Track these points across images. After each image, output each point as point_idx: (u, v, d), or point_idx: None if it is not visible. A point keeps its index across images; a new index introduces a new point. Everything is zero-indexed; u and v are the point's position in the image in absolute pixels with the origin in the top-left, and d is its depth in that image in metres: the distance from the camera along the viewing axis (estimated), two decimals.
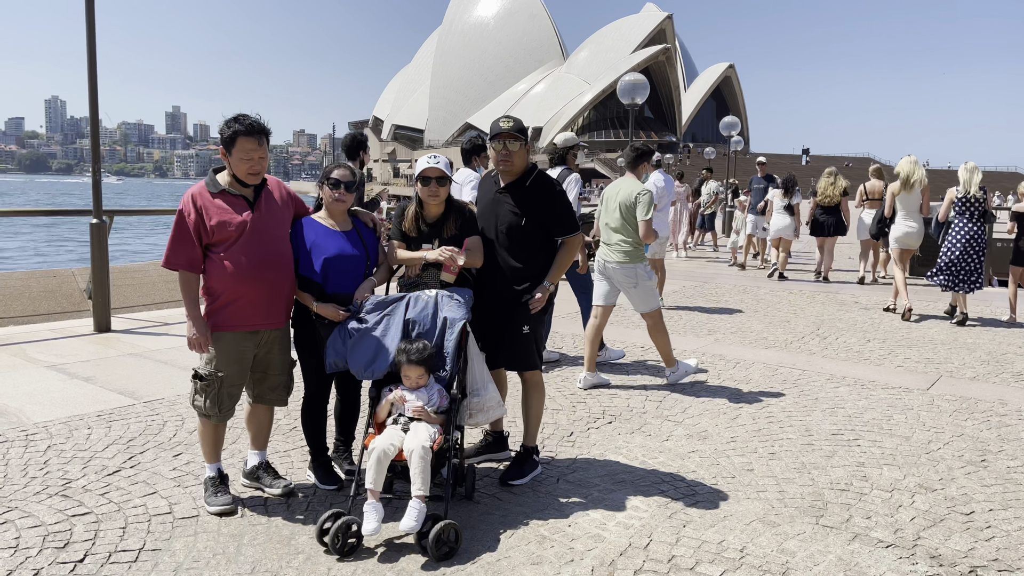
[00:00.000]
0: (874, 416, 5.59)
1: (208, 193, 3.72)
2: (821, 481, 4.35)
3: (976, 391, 6.36)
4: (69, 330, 8.01)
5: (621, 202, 6.22)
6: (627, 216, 6.20)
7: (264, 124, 3.70)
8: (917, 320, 9.63)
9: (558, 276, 4.26)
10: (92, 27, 7.92)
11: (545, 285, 4.19)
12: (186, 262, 3.71)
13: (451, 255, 3.88)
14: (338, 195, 3.97)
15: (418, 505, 3.39)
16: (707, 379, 6.58)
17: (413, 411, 3.65)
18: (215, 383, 3.77)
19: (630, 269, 6.23)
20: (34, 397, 5.64)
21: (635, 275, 6.24)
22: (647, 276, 6.30)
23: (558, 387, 6.20)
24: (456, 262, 3.88)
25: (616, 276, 6.32)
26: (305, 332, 4.04)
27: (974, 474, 4.52)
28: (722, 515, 3.88)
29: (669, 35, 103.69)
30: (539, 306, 4.17)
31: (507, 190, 4.18)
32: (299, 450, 4.66)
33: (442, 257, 3.89)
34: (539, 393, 4.35)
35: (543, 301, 4.19)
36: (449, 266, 3.89)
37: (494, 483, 4.24)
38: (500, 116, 4.20)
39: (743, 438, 5.06)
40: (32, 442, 4.73)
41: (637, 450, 4.81)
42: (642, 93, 15.88)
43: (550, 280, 4.21)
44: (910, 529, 3.77)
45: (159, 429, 5.00)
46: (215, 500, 3.80)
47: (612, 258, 6.28)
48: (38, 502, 3.87)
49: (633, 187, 6.28)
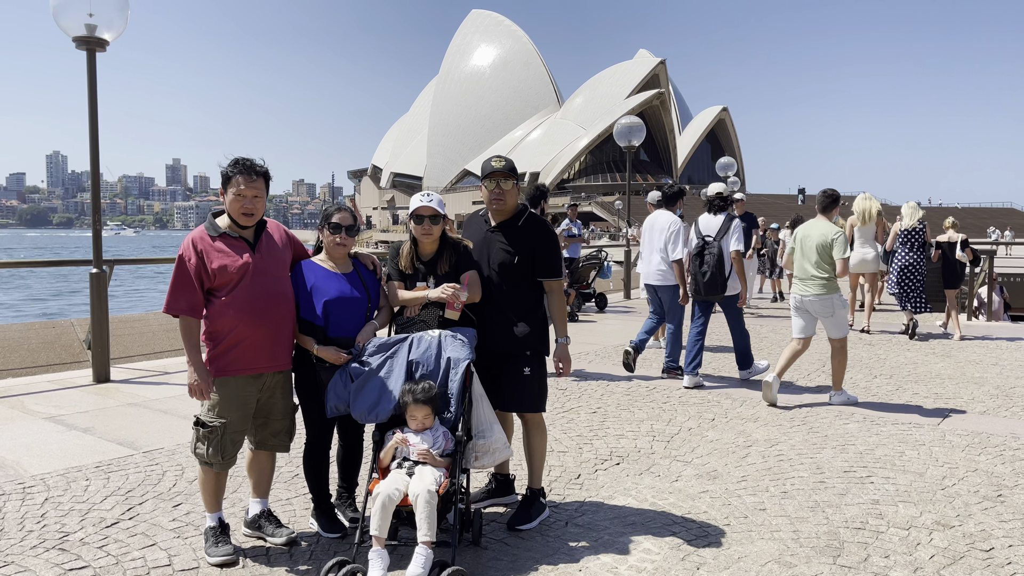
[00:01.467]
0: (886, 452, 5.50)
1: (208, 237, 3.70)
2: (836, 520, 4.25)
3: (987, 425, 6.27)
4: (68, 381, 7.93)
5: (818, 243, 6.96)
6: (823, 254, 6.93)
7: (260, 165, 3.70)
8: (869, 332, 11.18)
9: (565, 326, 4.25)
10: (93, 79, 8.00)
11: (562, 342, 4.20)
12: (187, 307, 3.67)
13: (454, 292, 3.85)
14: (339, 239, 3.95)
15: (425, 551, 3.30)
16: (714, 417, 6.50)
17: (418, 454, 3.58)
18: (218, 430, 3.71)
19: (827, 300, 6.95)
20: (32, 449, 5.55)
21: (832, 305, 6.97)
22: (842, 305, 7.05)
23: (563, 429, 6.12)
24: (459, 299, 3.85)
25: (814, 307, 7.02)
26: (306, 376, 3.98)
27: (991, 509, 4.42)
28: (736, 556, 3.78)
29: (663, 80, 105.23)
30: (569, 371, 4.26)
31: (499, 228, 4.17)
32: (301, 498, 4.56)
33: (445, 295, 3.85)
34: (541, 433, 4.28)
35: (569, 365, 4.24)
36: (452, 303, 3.85)
37: (501, 528, 4.14)
38: (491, 156, 4.21)
39: (754, 477, 4.96)
40: (29, 495, 4.63)
41: (646, 491, 4.71)
42: (638, 135, 16.06)
43: (561, 335, 4.21)
44: (930, 567, 3.67)
45: (158, 479, 4.91)
46: (216, 551, 3.70)
47: (810, 292, 7.00)
48: (35, 556, 3.77)
49: (827, 229, 7.01)
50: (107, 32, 7.87)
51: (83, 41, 7.82)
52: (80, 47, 7.86)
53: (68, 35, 7.81)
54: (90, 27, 7.76)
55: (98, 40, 7.85)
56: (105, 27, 7.82)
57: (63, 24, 7.74)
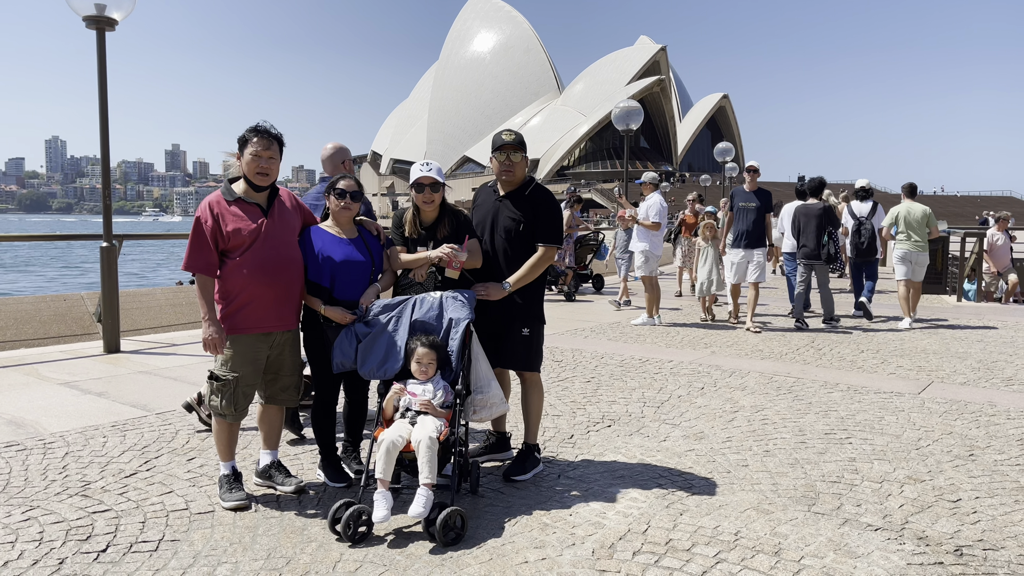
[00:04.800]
0: (866, 418, 5.75)
1: (224, 201, 3.94)
2: (813, 474, 4.51)
3: (966, 395, 6.52)
4: (80, 351, 8.18)
5: (916, 218, 10.60)
6: (920, 225, 10.59)
7: (275, 130, 3.97)
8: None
9: (523, 282, 4.32)
10: (103, 58, 8.19)
11: (504, 286, 4.27)
12: (204, 265, 3.90)
13: (452, 251, 4.09)
14: (344, 204, 4.18)
15: (426, 492, 3.55)
16: (704, 386, 6.75)
17: (420, 405, 3.82)
18: (230, 383, 3.95)
19: (924, 254, 10.68)
20: (49, 411, 5.80)
21: (927, 257, 10.75)
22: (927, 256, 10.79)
23: (558, 395, 6.37)
24: (458, 258, 4.09)
25: (918, 258, 10.61)
26: (314, 335, 4.22)
27: (962, 467, 4.68)
28: (717, 504, 4.03)
29: (663, 67, 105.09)
30: (486, 296, 4.24)
31: (507, 197, 4.41)
32: (308, 453, 4.82)
33: (443, 254, 4.09)
34: (538, 392, 4.53)
35: (491, 295, 4.25)
36: (451, 262, 4.10)
37: (498, 480, 4.40)
38: (502, 129, 4.45)
39: (738, 438, 5.22)
40: (50, 450, 4.88)
41: (635, 450, 4.97)
42: (636, 119, 16.22)
43: (512, 284, 4.28)
44: (898, 515, 3.92)
45: (172, 437, 5.16)
46: (230, 496, 3.95)
47: (915, 248, 10.60)
48: (59, 501, 4.02)
49: (919, 207, 10.65)
50: (116, 11, 8.06)
51: (93, 20, 8.02)
52: (90, 26, 8.06)
53: (78, 14, 8.00)
54: (100, 6, 7.96)
55: (107, 19, 8.05)
56: (114, 6, 8.02)
57: (73, 3, 7.92)
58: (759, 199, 10.07)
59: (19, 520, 3.77)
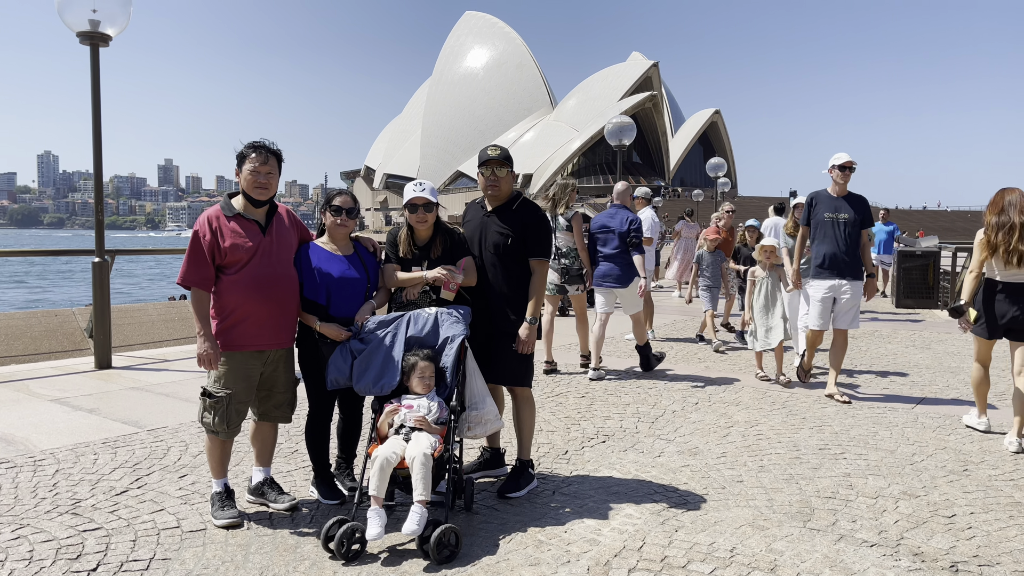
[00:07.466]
0: (860, 432, 5.76)
1: (224, 216, 3.93)
2: (808, 490, 4.50)
3: (960, 410, 6.53)
4: (71, 367, 8.13)
5: None
6: None
7: (273, 145, 3.97)
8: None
9: (537, 308, 4.38)
10: (97, 74, 8.19)
11: (528, 321, 4.33)
12: (200, 280, 3.89)
13: (449, 272, 4.08)
14: (340, 220, 4.18)
15: (420, 510, 3.53)
16: (698, 401, 6.74)
17: (415, 421, 3.80)
18: (223, 400, 3.93)
19: None
20: (39, 427, 5.75)
21: None
22: None
23: (552, 411, 6.35)
24: (455, 279, 4.08)
25: None
26: (309, 352, 4.21)
27: (956, 482, 4.68)
28: (712, 520, 4.02)
29: (656, 82, 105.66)
30: (528, 347, 4.31)
31: (495, 212, 4.41)
32: (302, 470, 4.79)
33: (440, 275, 4.09)
34: (530, 407, 4.52)
35: (531, 341, 4.31)
36: (448, 283, 4.09)
37: (492, 496, 4.37)
38: (488, 146, 4.45)
39: (733, 453, 5.21)
40: (40, 467, 4.84)
41: (630, 466, 4.95)
42: (628, 135, 16.30)
43: (531, 315, 4.34)
44: (894, 530, 3.91)
45: (164, 454, 5.12)
46: (222, 513, 3.92)
47: None
48: (49, 519, 3.98)
49: None
50: (110, 27, 8.07)
51: (87, 36, 8.02)
52: (84, 42, 8.07)
53: (72, 30, 8.00)
54: (94, 22, 7.97)
55: (101, 35, 8.06)
56: (108, 22, 8.03)
57: (67, 19, 7.93)
58: (853, 208, 6.93)
59: (8, 539, 3.73)
